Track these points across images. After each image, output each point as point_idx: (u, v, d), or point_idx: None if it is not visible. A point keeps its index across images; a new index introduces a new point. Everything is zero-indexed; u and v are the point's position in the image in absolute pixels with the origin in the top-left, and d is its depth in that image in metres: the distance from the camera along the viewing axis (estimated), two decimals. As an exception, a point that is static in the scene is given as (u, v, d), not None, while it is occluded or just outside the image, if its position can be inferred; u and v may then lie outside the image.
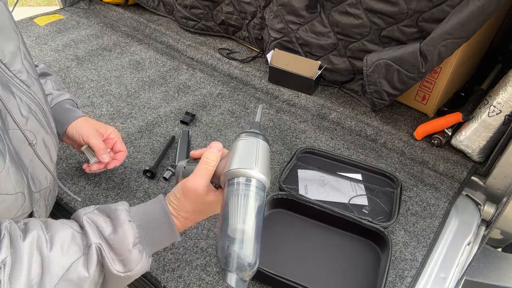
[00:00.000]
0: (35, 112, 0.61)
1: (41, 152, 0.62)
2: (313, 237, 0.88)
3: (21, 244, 0.48)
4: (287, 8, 1.26)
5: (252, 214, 0.50)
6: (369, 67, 1.14)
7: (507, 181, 1.00)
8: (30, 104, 0.60)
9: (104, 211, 0.57)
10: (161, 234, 0.58)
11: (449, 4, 1.00)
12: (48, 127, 0.66)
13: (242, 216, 0.50)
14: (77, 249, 0.52)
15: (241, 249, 0.48)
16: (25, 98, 0.59)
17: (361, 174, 1.03)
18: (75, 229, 0.54)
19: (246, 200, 0.50)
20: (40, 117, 0.62)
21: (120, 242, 0.53)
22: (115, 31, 1.59)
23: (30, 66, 0.62)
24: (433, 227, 0.92)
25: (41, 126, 0.62)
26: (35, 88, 0.62)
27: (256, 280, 0.79)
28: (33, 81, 0.62)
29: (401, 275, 0.82)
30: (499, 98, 0.99)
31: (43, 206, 0.68)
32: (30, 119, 0.59)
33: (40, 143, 0.62)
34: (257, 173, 0.52)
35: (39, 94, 0.63)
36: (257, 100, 1.28)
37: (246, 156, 0.54)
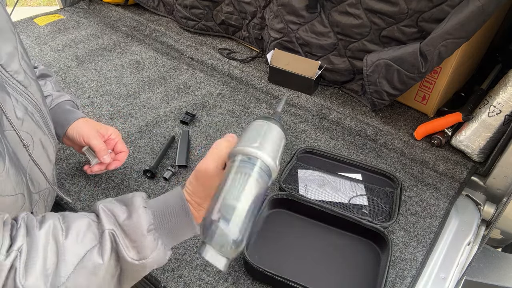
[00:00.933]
0: (31, 113, 0.60)
1: (38, 153, 0.62)
2: (313, 237, 0.88)
3: (37, 233, 0.48)
4: (287, 8, 1.26)
5: (248, 193, 0.47)
6: (369, 67, 1.14)
7: (507, 181, 1.00)
8: (27, 105, 0.60)
9: (121, 200, 0.57)
10: (178, 222, 0.57)
11: (449, 4, 1.00)
12: (46, 127, 0.65)
13: (237, 193, 0.47)
14: (93, 237, 0.52)
15: (227, 225, 0.45)
16: (21, 99, 0.58)
17: (361, 174, 1.03)
18: (92, 218, 0.54)
19: (244, 178, 0.47)
20: (37, 118, 0.62)
21: (134, 227, 0.53)
22: (115, 31, 1.59)
23: (27, 67, 0.62)
24: (433, 227, 0.92)
25: (38, 127, 0.62)
26: (32, 88, 0.62)
27: (256, 280, 0.79)
28: (31, 82, 0.62)
29: (401, 275, 0.82)
30: (499, 98, 0.99)
31: (42, 207, 0.68)
32: (26, 120, 0.59)
33: (38, 144, 0.62)
34: (261, 152, 0.49)
35: (36, 94, 0.63)
36: (257, 100, 1.28)
37: (252, 137, 0.52)
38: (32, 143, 0.60)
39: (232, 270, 0.81)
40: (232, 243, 0.45)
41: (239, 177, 0.48)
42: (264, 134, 0.52)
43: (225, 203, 0.46)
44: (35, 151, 0.61)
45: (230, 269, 0.81)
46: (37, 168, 0.62)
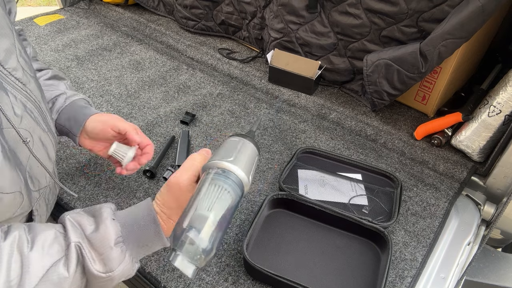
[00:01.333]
0: (30, 111, 0.60)
1: (38, 150, 0.61)
2: (313, 237, 0.88)
3: (2, 244, 0.48)
4: (287, 8, 1.26)
5: (220, 205, 0.48)
6: (369, 67, 1.14)
7: (507, 181, 1.00)
8: (26, 102, 0.59)
9: (89, 211, 0.57)
10: (147, 235, 0.57)
11: (449, 4, 1.00)
12: (45, 125, 0.65)
13: (209, 204, 0.48)
14: (59, 249, 0.51)
15: (198, 235, 0.45)
16: (20, 96, 0.58)
17: (361, 174, 1.03)
18: (58, 229, 0.53)
19: (217, 190, 0.49)
20: (36, 115, 0.62)
21: (101, 239, 0.53)
22: (115, 31, 1.59)
23: (25, 63, 0.61)
24: (433, 227, 0.92)
25: (37, 124, 0.62)
26: (31, 85, 0.62)
27: (256, 280, 0.79)
28: (29, 79, 0.61)
29: (401, 275, 0.82)
30: (499, 98, 0.99)
31: (44, 205, 0.68)
32: (25, 118, 0.58)
33: (37, 142, 0.62)
34: (233, 166, 0.51)
35: (35, 92, 0.63)
36: (257, 100, 1.28)
37: (226, 151, 0.54)
38: (32, 140, 0.60)
39: (232, 270, 0.81)
40: (202, 252, 0.46)
41: (212, 189, 0.49)
42: (238, 150, 0.54)
43: (197, 213, 0.47)
44: (35, 149, 0.60)
45: (230, 269, 0.81)
46: (38, 164, 0.62)
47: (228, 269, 0.81)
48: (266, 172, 1.03)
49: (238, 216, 0.91)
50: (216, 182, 0.49)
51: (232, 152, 0.53)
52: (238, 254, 0.83)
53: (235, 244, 0.85)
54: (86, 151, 1.04)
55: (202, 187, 0.50)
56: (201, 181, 0.51)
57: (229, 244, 0.85)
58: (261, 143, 1.11)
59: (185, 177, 0.57)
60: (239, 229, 0.89)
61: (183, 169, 0.58)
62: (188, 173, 0.57)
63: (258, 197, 0.96)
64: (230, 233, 0.87)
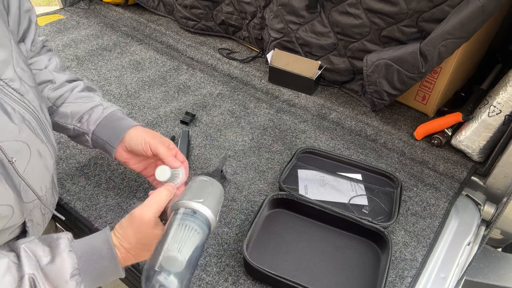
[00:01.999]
0: (29, 122, 0.58)
1: (35, 162, 0.60)
2: (313, 237, 0.88)
3: None
4: (287, 8, 1.26)
5: (190, 246, 0.48)
6: (369, 67, 1.14)
7: (507, 181, 1.00)
8: (24, 113, 0.57)
9: (45, 240, 0.55)
10: (103, 266, 0.55)
11: (449, 4, 1.00)
12: (45, 136, 0.64)
13: (179, 245, 0.48)
14: (11, 281, 0.49)
15: (168, 277, 0.46)
16: (18, 107, 0.56)
17: (361, 174, 1.03)
18: (12, 259, 0.51)
19: (187, 230, 0.49)
20: (34, 126, 0.60)
21: (57, 272, 0.51)
22: (115, 31, 1.59)
23: (23, 73, 0.60)
24: (433, 227, 0.92)
25: (36, 135, 0.60)
26: (29, 96, 0.60)
27: (256, 280, 0.79)
28: (27, 89, 0.60)
29: (401, 275, 0.82)
30: (499, 98, 0.99)
31: (39, 215, 0.67)
32: (24, 130, 0.57)
33: (35, 153, 0.60)
34: (204, 208, 0.51)
35: (34, 102, 0.61)
36: (257, 100, 1.28)
37: (196, 191, 0.54)
38: (29, 152, 0.58)
39: (232, 270, 0.81)
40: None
41: (183, 229, 0.49)
42: (209, 192, 0.54)
43: (168, 254, 0.47)
44: (32, 161, 0.59)
45: (230, 269, 0.81)
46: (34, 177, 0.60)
47: (228, 269, 0.81)
48: (266, 172, 1.03)
49: (238, 216, 0.91)
50: (186, 223, 0.50)
51: (202, 193, 0.54)
52: (238, 254, 0.83)
53: (235, 244, 0.85)
54: (86, 151, 1.04)
55: (172, 227, 0.50)
56: (171, 221, 0.51)
57: (229, 244, 0.85)
58: (261, 143, 1.11)
59: (150, 212, 0.56)
60: (239, 229, 0.89)
61: (147, 203, 0.57)
62: (153, 208, 0.56)
63: (258, 197, 0.96)
64: (230, 233, 0.87)
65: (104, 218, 0.88)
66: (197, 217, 0.51)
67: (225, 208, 0.93)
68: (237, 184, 0.99)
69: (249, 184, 0.99)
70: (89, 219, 0.88)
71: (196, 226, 0.50)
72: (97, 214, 0.89)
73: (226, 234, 0.87)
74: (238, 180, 1.00)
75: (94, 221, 0.87)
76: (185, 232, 0.48)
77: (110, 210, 0.90)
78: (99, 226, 0.87)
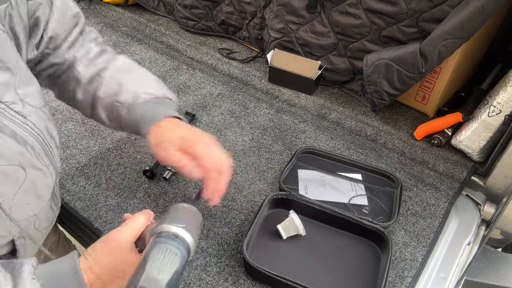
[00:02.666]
0: (31, 146, 0.56)
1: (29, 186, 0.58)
2: (313, 237, 0.88)
3: None
4: (287, 8, 1.26)
5: (170, 269, 0.48)
6: (369, 67, 1.14)
7: (507, 181, 1.00)
8: (26, 137, 0.56)
9: (7, 266, 0.52)
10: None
11: (449, 4, 1.00)
12: (48, 158, 0.61)
13: (160, 267, 0.48)
14: None
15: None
16: (19, 130, 0.54)
17: (361, 174, 1.03)
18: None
19: (167, 254, 0.49)
20: (37, 149, 0.58)
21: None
22: (115, 31, 1.59)
23: (26, 95, 0.57)
24: (433, 227, 0.92)
25: (37, 158, 0.58)
26: (34, 117, 0.57)
27: (256, 280, 0.79)
28: (31, 111, 0.57)
29: (401, 275, 0.82)
30: (499, 98, 0.99)
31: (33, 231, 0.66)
32: (23, 154, 0.55)
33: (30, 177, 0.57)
34: (185, 232, 0.52)
35: (38, 124, 0.58)
36: (257, 100, 1.28)
37: (177, 217, 0.54)
38: (24, 176, 0.56)
39: (232, 270, 0.81)
40: None
41: (164, 252, 0.49)
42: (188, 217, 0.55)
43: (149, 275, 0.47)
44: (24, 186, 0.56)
45: (230, 269, 0.81)
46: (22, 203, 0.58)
47: (228, 269, 0.81)
48: (266, 172, 1.03)
49: (238, 216, 0.91)
50: (167, 247, 0.50)
51: (182, 218, 0.54)
52: (238, 254, 0.83)
53: (235, 244, 0.85)
54: (86, 151, 1.04)
55: (153, 249, 0.50)
56: (152, 244, 0.51)
57: (229, 244, 0.85)
58: (261, 143, 1.11)
59: (126, 236, 0.54)
60: (239, 229, 0.89)
61: (124, 226, 0.55)
62: (130, 232, 0.55)
63: (258, 197, 0.96)
64: (230, 233, 0.87)
65: (104, 218, 0.88)
66: (178, 241, 0.51)
67: (225, 208, 0.93)
68: (237, 184, 0.99)
69: (249, 184, 0.99)
70: (89, 219, 0.88)
71: (177, 250, 0.50)
72: (97, 214, 0.89)
73: (226, 234, 0.87)
74: (238, 180, 1.00)
75: (94, 221, 0.88)
76: (166, 255, 0.49)
77: (110, 210, 0.90)
78: (99, 226, 0.87)
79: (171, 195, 0.95)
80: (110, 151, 1.05)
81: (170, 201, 0.94)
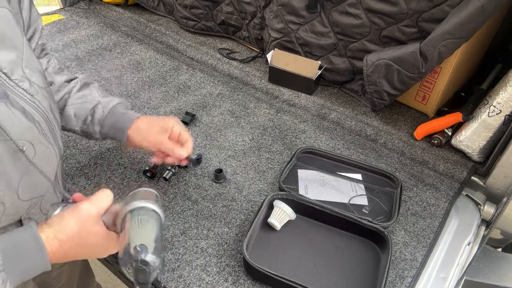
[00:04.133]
0: (38, 123, 0.59)
1: (38, 163, 0.60)
2: (313, 237, 0.88)
3: None
4: (287, 8, 1.26)
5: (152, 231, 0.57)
6: (369, 67, 1.14)
7: (507, 181, 1.00)
8: (34, 113, 0.59)
9: None
10: (29, 260, 0.53)
11: (449, 4, 1.00)
12: (52, 136, 0.64)
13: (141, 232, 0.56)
14: None
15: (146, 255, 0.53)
16: (28, 107, 0.57)
17: (361, 174, 1.03)
18: None
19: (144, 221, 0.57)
20: (43, 126, 0.61)
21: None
22: (115, 31, 1.59)
23: (32, 74, 0.60)
24: (433, 227, 0.92)
25: (44, 136, 0.61)
26: (39, 96, 0.61)
27: (256, 280, 0.79)
28: (37, 90, 0.61)
29: (401, 275, 0.82)
30: (499, 98, 0.99)
31: (40, 213, 0.67)
32: (32, 129, 0.58)
33: (39, 154, 0.60)
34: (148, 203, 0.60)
35: (43, 103, 0.62)
36: (257, 100, 1.28)
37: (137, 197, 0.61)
38: (34, 152, 0.59)
39: (232, 270, 0.81)
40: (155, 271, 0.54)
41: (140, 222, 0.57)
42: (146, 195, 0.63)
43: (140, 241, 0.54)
44: (35, 161, 0.59)
45: (230, 269, 0.81)
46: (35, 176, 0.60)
47: (228, 269, 0.81)
48: (266, 172, 1.03)
49: (238, 216, 0.91)
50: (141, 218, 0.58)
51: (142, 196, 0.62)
52: (238, 254, 0.83)
53: (235, 244, 0.85)
54: (86, 151, 1.04)
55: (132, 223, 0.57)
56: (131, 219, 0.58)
57: (229, 244, 0.85)
58: (261, 143, 1.11)
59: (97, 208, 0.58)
60: (239, 229, 0.89)
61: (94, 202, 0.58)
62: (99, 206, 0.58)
63: (258, 197, 0.96)
64: (230, 233, 0.87)
65: (104, 218, 0.88)
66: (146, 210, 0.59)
67: (225, 208, 0.93)
68: (237, 184, 0.99)
69: (249, 184, 0.99)
70: (89, 219, 0.88)
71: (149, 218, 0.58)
72: (97, 214, 0.89)
73: (226, 234, 0.87)
74: (238, 180, 1.00)
75: (94, 221, 0.87)
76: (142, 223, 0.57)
77: (110, 210, 0.90)
78: (99, 226, 0.87)
79: (171, 195, 0.95)
80: (110, 151, 1.05)
81: (170, 201, 0.94)
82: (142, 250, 0.53)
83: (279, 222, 0.87)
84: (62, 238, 0.55)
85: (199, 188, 0.97)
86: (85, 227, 0.57)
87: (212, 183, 0.99)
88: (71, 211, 0.57)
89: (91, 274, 1.12)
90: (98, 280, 1.21)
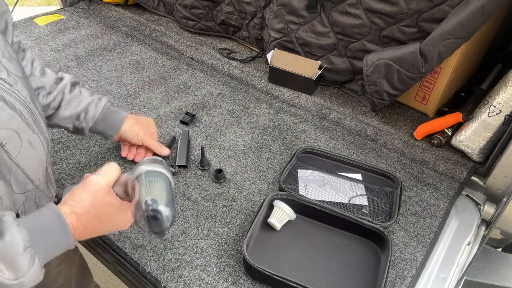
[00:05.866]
0: (20, 112, 0.59)
1: (26, 152, 0.60)
2: (313, 237, 0.88)
3: None
4: (287, 8, 1.26)
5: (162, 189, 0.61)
6: (369, 67, 1.14)
7: (507, 181, 1.00)
8: (15, 103, 0.58)
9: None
10: (55, 236, 0.55)
11: (449, 4, 1.00)
12: (36, 126, 0.64)
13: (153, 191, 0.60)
14: None
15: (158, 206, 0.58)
16: (8, 97, 0.57)
17: (361, 174, 1.03)
18: None
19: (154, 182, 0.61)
20: (26, 116, 0.61)
21: (8, 247, 0.50)
22: (115, 31, 1.59)
23: (10, 64, 0.60)
24: (433, 227, 0.92)
25: (27, 125, 0.61)
26: (18, 86, 0.61)
27: (256, 280, 0.79)
28: (16, 80, 0.60)
29: (401, 275, 0.82)
30: (499, 98, 0.99)
31: (35, 208, 0.67)
32: (14, 118, 0.57)
33: (25, 143, 0.61)
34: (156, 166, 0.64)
35: (23, 92, 0.62)
36: (257, 100, 1.28)
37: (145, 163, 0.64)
38: (20, 142, 0.59)
39: (232, 270, 0.81)
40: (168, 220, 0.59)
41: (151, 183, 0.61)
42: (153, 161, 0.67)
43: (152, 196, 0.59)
44: (23, 150, 0.59)
45: (230, 269, 0.81)
46: (26, 167, 0.61)
47: (228, 269, 0.81)
48: (266, 172, 1.03)
49: (238, 216, 0.91)
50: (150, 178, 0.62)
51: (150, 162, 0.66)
52: (238, 254, 0.83)
53: (235, 244, 0.85)
54: (86, 151, 1.04)
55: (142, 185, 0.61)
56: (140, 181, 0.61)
57: (229, 244, 0.85)
58: (261, 143, 1.11)
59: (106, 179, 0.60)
60: (239, 229, 0.89)
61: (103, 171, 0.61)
62: (108, 177, 0.60)
63: (258, 197, 0.96)
64: (230, 233, 0.87)
65: (104, 218, 0.88)
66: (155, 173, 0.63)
67: (225, 208, 0.93)
68: (237, 184, 0.99)
69: (249, 184, 0.99)
70: (89, 219, 0.88)
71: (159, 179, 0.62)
72: (97, 214, 0.89)
73: (226, 234, 0.87)
74: (238, 180, 1.00)
75: (94, 221, 0.87)
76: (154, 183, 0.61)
77: (110, 210, 0.90)
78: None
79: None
80: (110, 151, 1.05)
81: (170, 201, 0.94)
82: (153, 203, 0.57)
83: (279, 222, 0.87)
84: (78, 211, 0.57)
85: (199, 188, 0.97)
86: (97, 198, 0.58)
87: (212, 183, 0.99)
88: (81, 185, 0.59)
89: (89, 274, 1.12)
90: (97, 280, 1.21)
